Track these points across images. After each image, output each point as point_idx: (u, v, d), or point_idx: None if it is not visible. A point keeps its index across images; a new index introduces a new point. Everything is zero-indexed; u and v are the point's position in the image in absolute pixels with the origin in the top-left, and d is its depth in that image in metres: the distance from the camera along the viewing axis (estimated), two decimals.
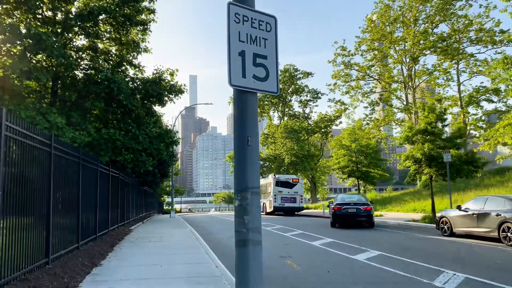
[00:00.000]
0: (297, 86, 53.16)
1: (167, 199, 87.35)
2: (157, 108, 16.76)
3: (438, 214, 15.33)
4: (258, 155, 3.61)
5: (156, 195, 53.46)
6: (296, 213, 34.35)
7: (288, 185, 33.67)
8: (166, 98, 15.32)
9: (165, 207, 78.68)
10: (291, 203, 33.18)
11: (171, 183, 44.13)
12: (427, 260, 9.36)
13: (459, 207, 14.03)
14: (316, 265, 9.45)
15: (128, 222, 22.16)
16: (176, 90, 15.38)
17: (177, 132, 15.68)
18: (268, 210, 34.37)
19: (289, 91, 53.74)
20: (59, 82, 14.19)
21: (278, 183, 33.54)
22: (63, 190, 9.17)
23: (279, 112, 56.41)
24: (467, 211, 13.51)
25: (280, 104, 55.76)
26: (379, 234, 15.89)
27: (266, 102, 55.49)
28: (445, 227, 14.49)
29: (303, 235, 15.53)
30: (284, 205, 33.13)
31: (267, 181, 36.19)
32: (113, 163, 19.59)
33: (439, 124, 20.16)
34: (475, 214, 13.07)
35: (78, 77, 14.60)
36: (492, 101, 48.52)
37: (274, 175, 35.87)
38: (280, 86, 53.61)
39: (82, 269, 8.15)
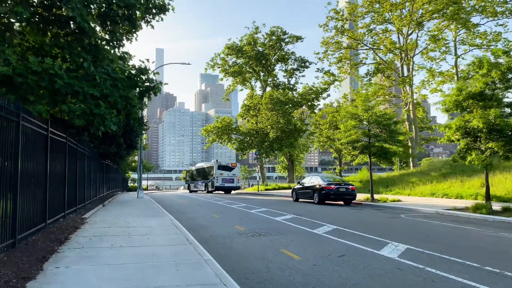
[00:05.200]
0: (283, 53, 47.47)
1: (132, 175, 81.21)
2: (127, 45, 11.07)
3: None
4: None
5: (121, 171, 47.36)
6: (232, 191, 41.97)
7: (228, 168, 41.61)
8: (139, 18, 9.71)
9: (130, 184, 72.52)
10: (230, 183, 41.21)
11: (138, 158, 38.21)
12: None
13: None
14: None
15: (83, 206, 16.53)
16: (156, 6, 9.78)
17: (157, 73, 10.02)
18: (210, 189, 41.83)
19: (274, 58, 47.99)
20: None
21: (220, 167, 41.26)
22: None
23: (261, 82, 50.69)
24: None
25: (262, 73, 50.04)
26: (461, 235, 11.13)
27: (248, 69, 49.52)
28: None
29: (343, 233, 10.55)
30: (224, 185, 40.87)
31: (211, 165, 43.23)
32: (64, 125, 13.86)
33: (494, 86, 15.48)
34: None
35: None
36: None
37: (216, 160, 43.29)
38: (265, 51, 47.92)
39: None
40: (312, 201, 22.23)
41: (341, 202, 21.88)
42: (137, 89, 9.68)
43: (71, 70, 9.01)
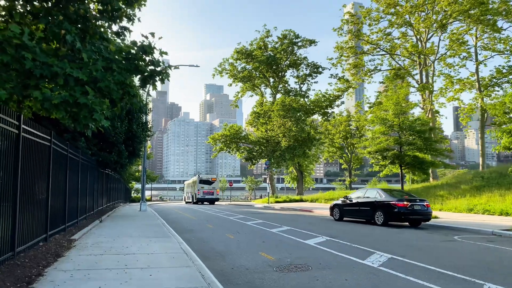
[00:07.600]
0: (295, 58, 45.17)
1: (136, 185, 78.58)
2: (124, 23, 8.74)
3: None
4: None
5: (123, 181, 44.93)
6: (215, 203, 46.77)
7: (208, 182, 46.67)
8: None
9: (134, 195, 70.00)
10: (210, 195, 46.41)
11: (142, 167, 35.82)
12: None
13: None
14: None
15: (75, 222, 14.12)
16: None
17: (165, 53, 7.61)
18: (194, 200, 47.14)
19: (285, 63, 45.71)
20: None
21: (201, 181, 46.39)
22: None
23: (271, 88, 48.32)
24: None
25: (272, 79, 47.69)
26: None
27: (258, 75, 47.17)
28: None
29: (404, 266, 8.05)
30: (205, 197, 46.01)
31: (194, 179, 49.36)
32: (57, 127, 11.53)
33: None
34: None
35: None
36: None
37: (198, 175, 48.48)
38: (276, 55, 45.70)
39: None
40: (365, 220, 18.31)
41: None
42: (138, 74, 7.31)
43: (48, 45, 6.68)
